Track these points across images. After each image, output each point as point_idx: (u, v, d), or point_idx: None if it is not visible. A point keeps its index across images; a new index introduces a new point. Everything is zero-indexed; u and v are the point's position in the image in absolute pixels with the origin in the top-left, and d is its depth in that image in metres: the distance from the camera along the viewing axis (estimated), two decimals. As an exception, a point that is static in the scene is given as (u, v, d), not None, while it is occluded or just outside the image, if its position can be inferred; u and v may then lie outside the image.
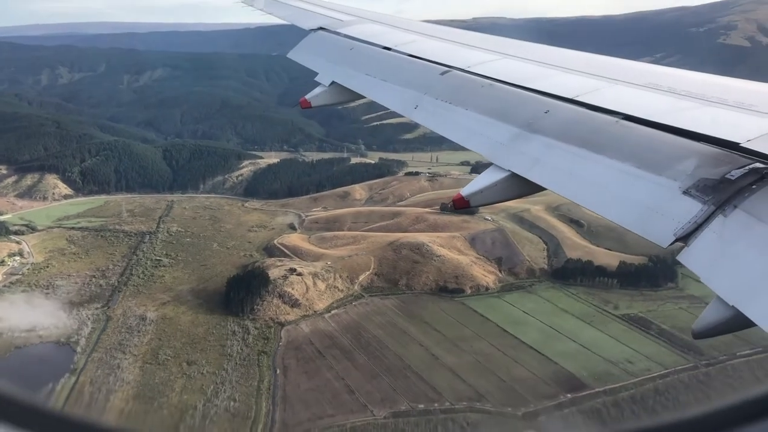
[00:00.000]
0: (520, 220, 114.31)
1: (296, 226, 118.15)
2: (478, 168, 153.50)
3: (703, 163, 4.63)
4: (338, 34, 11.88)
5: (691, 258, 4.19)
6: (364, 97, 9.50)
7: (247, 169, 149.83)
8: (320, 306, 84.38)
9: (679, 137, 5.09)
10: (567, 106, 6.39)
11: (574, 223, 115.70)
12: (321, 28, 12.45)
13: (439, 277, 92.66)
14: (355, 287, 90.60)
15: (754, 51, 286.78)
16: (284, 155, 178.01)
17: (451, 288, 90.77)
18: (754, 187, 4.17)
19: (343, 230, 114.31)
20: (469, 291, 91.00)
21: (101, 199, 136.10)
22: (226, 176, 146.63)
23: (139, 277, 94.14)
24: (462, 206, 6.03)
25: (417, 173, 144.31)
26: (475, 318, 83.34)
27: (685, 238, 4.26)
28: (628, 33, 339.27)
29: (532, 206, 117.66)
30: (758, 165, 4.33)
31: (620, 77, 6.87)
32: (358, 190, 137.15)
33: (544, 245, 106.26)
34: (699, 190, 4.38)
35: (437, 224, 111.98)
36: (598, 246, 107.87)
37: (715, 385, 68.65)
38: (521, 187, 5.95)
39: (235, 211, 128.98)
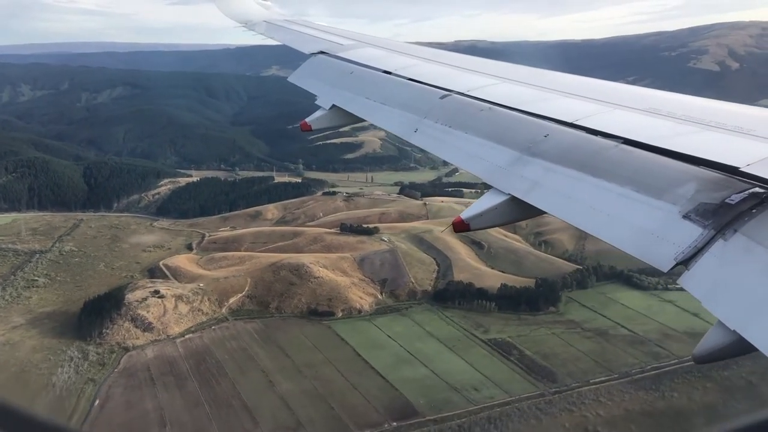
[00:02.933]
0: (419, 240, 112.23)
1: (194, 246, 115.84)
2: (404, 189, 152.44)
3: (702, 187, 4.64)
4: (338, 57, 11.84)
5: (691, 282, 4.15)
6: (363, 120, 9.58)
7: (165, 187, 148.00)
8: (176, 330, 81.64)
9: (678, 161, 5.09)
10: (566, 129, 6.38)
11: (476, 244, 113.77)
12: (321, 52, 12.48)
13: (312, 300, 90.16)
14: (223, 310, 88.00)
15: (723, 75, 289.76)
16: (220, 174, 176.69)
17: (321, 311, 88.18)
18: (754, 211, 4.18)
19: (240, 250, 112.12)
20: (340, 314, 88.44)
21: (9, 217, 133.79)
22: (143, 195, 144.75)
23: (4, 298, 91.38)
24: (462, 229, 5.96)
25: (334, 193, 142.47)
26: (335, 342, 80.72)
27: (686, 262, 4.23)
28: (606, 56, 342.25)
29: (435, 227, 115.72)
30: (758, 189, 4.34)
31: (619, 101, 6.90)
32: (271, 210, 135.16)
33: (436, 266, 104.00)
34: (699, 215, 4.41)
35: (333, 245, 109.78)
36: (493, 268, 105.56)
37: (553, 412, 66.23)
38: (521, 210, 5.98)
39: (140, 230, 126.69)
